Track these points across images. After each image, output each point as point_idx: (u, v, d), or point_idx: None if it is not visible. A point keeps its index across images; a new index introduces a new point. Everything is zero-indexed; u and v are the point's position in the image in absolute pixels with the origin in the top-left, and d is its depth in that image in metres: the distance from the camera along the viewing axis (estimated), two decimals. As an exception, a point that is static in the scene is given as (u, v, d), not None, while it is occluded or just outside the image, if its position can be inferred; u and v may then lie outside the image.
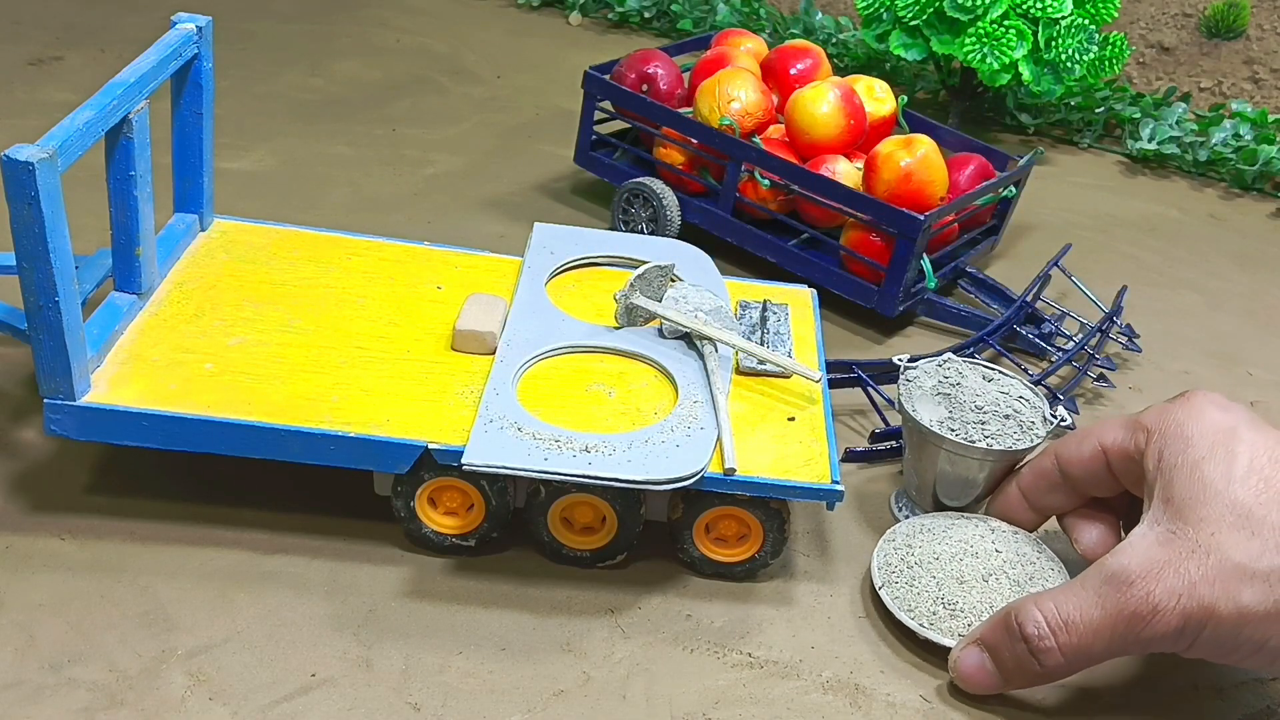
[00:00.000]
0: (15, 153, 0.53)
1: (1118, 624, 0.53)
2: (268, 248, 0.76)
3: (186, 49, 0.68)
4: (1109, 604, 0.53)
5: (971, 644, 0.58)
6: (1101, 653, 0.55)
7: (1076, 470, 0.62)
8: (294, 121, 1.15)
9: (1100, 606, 0.54)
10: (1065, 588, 0.56)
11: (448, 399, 0.64)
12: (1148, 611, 0.52)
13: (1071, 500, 0.64)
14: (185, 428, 0.61)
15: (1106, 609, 0.53)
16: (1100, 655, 0.55)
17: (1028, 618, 0.55)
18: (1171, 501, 0.54)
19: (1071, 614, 0.54)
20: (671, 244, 0.80)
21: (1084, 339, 0.86)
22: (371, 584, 0.63)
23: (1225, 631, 0.52)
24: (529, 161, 1.12)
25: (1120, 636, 0.53)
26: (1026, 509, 0.65)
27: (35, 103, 1.13)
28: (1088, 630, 0.54)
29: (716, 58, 1.00)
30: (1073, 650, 0.55)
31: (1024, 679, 0.57)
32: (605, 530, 0.64)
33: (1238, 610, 0.52)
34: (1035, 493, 0.65)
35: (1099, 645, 0.54)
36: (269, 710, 0.55)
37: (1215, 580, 0.52)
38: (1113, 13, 1.15)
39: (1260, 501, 0.53)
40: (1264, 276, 1.06)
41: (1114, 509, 0.64)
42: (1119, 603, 0.53)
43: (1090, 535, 0.63)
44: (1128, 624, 0.53)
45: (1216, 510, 0.53)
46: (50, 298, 0.57)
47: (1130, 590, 0.53)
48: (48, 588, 0.60)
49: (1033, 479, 0.65)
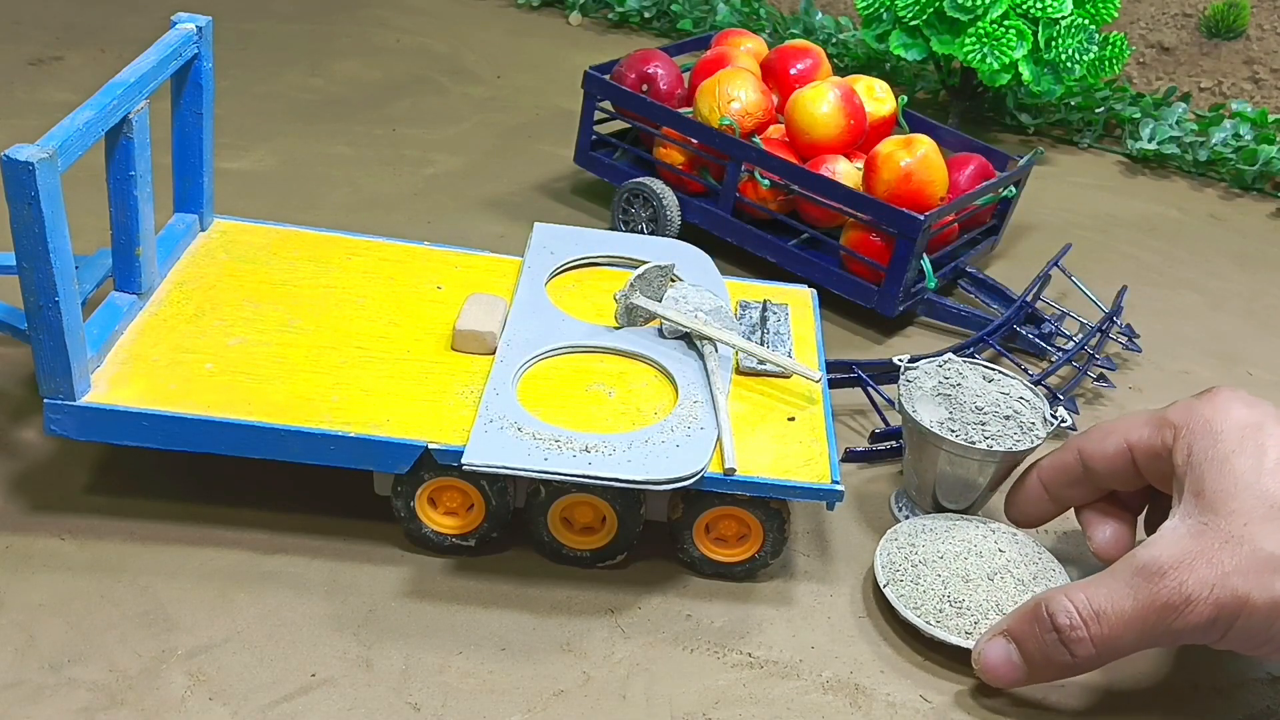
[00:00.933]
0: (15, 153, 0.53)
1: (1149, 614, 0.53)
2: (268, 248, 0.76)
3: (186, 49, 0.68)
4: (1141, 595, 0.53)
5: (997, 636, 0.58)
6: (1132, 644, 0.55)
7: (1100, 465, 0.62)
8: (294, 121, 1.15)
9: (1133, 597, 0.54)
10: (1096, 579, 0.55)
11: (448, 399, 0.64)
12: (1180, 602, 0.52)
13: (1091, 494, 0.65)
14: (185, 428, 0.61)
15: (1139, 599, 0.53)
16: (1131, 646, 0.55)
17: (1059, 608, 0.55)
18: (1203, 495, 0.54)
19: (1103, 604, 0.54)
20: (671, 244, 0.80)
21: (1084, 339, 0.86)
22: (371, 584, 0.63)
23: (1258, 622, 0.52)
24: (529, 161, 1.12)
25: (1152, 627, 0.53)
26: (1046, 500, 0.66)
27: (35, 103, 1.13)
28: (1119, 621, 0.54)
29: (716, 58, 1.00)
30: (1104, 641, 0.55)
31: (1052, 671, 0.57)
32: (605, 530, 0.64)
33: (1271, 600, 0.52)
34: (1056, 485, 0.65)
35: (1130, 636, 0.54)
36: (269, 710, 0.55)
37: (1249, 571, 0.52)
38: (1113, 13, 1.15)
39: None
40: (1264, 276, 1.06)
41: (1131, 507, 0.65)
42: (1151, 593, 0.53)
43: (1105, 533, 0.64)
44: (1159, 614, 0.53)
45: (1248, 502, 0.53)
46: (50, 298, 0.57)
47: (1163, 581, 0.53)
48: (48, 588, 0.60)
49: (1054, 472, 0.65)
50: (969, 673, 0.61)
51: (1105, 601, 0.54)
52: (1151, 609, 0.53)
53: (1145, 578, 0.53)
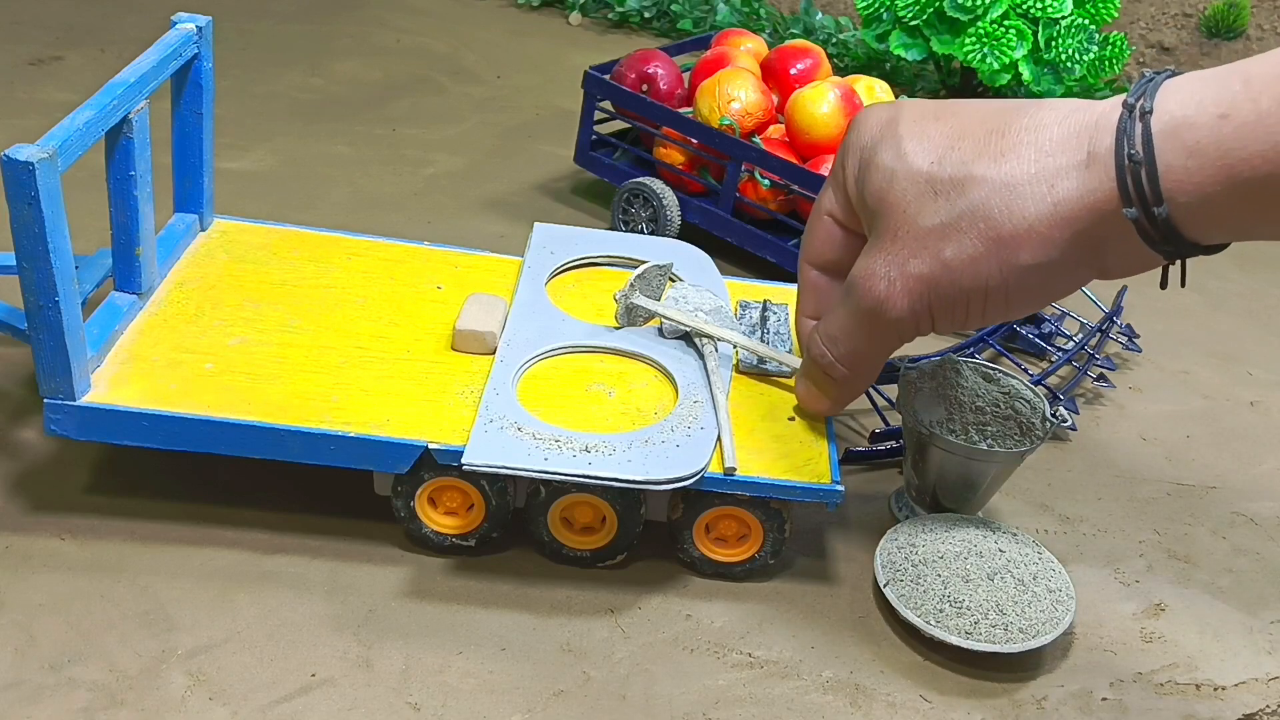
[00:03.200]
0: (15, 153, 0.53)
1: (863, 322, 0.58)
2: (268, 248, 0.76)
3: (186, 49, 0.68)
4: (851, 309, 0.58)
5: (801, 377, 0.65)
6: (870, 351, 0.60)
7: (829, 253, 0.63)
8: (294, 121, 1.15)
9: (848, 315, 0.59)
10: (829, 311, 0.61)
11: (448, 399, 0.64)
12: (877, 303, 0.56)
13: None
14: (185, 428, 0.61)
15: (852, 314, 0.58)
16: (871, 353, 0.60)
17: (811, 343, 0.62)
18: (867, 205, 0.58)
19: (834, 329, 0.60)
20: (671, 244, 0.80)
21: (1084, 339, 0.86)
22: (371, 584, 0.63)
23: (947, 292, 0.55)
24: (529, 161, 1.12)
25: (872, 332, 0.58)
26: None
27: (35, 103, 1.13)
28: (848, 336, 0.60)
29: (716, 58, 1.00)
30: (848, 358, 0.60)
31: (835, 390, 0.63)
32: (605, 530, 0.64)
33: (944, 265, 0.54)
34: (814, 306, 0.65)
35: (863, 345, 0.59)
36: (269, 710, 0.55)
37: (918, 250, 0.55)
38: (1113, 13, 1.15)
39: (931, 161, 0.55)
40: (1264, 276, 1.06)
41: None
42: (856, 305, 0.58)
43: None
44: (870, 319, 0.57)
45: (899, 190, 0.55)
46: (50, 298, 0.57)
47: (858, 292, 0.57)
48: (48, 588, 0.60)
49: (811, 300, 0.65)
50: (969, 673, 0.61)
51: (835, 326, 0.60)
52: (862, 317, 0.58)
53: (848, 294, 0.58)
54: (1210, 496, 0.77)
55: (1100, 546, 0.72)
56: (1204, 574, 0.70)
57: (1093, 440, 0.81)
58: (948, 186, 0.54)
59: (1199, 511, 0.76)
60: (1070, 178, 0.52)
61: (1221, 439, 0.83)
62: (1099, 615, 0.66)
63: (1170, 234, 0.51)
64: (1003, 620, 0.61)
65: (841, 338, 0.60)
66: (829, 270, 0.64)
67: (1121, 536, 0.73)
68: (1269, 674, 0.64)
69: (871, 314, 0.57)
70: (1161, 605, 0.67)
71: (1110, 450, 0.81)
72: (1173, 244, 0.52)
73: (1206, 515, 0.75)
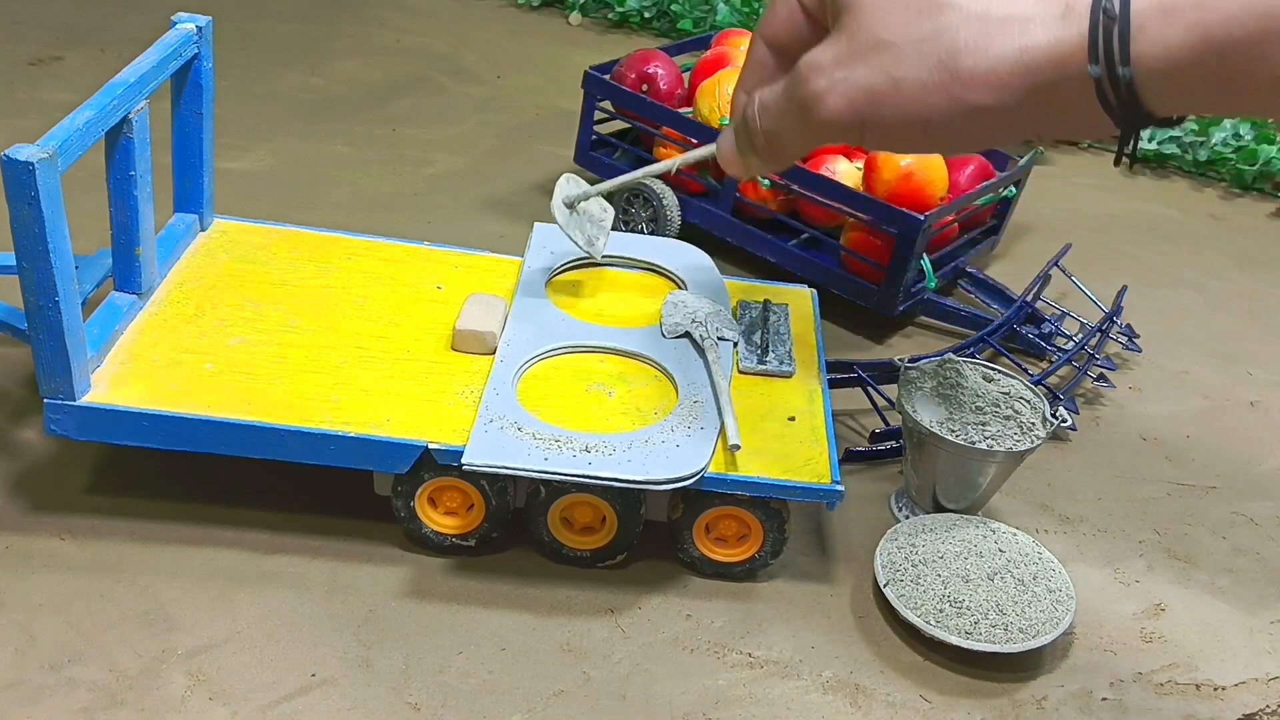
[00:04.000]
0: (15, 153, 0.53)
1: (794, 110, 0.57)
2: (268, 248, 0.76)
3: (186, 49, 0.68)
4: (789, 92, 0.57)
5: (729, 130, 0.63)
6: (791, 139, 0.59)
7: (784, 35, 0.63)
8: (294, 121, 1.15)
9: (786, 96, 0.58)
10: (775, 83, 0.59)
11: (448, 399, 0.64)
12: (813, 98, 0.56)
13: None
14: (185, 428, 0.61)
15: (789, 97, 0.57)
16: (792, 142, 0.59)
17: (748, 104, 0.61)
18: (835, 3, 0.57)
19: (769, 101, 0.59)
20: (672, 244, 0.80)
21: (1084, 339, 0.86)
22: (371, 584, 0.63)
23: (886, 111, 0.54)
24: (529, 161, 1.12)
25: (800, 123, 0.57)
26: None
27: (35, 103, 1.13)
28: (778, 115, 0.59)
29: (716, 58, 1.00)
30: (770, 134, 0.60)
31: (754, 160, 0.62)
32: (605, 530, 0.64)
33: (892, 84, 0.53)
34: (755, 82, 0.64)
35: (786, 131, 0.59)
36: (269, 710, 0.55)
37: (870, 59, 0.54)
38: (1113, 13, 1.15)
39: None
40: (1264, 276, 1.06)
41: None
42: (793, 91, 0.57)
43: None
44: (801, 111, 0.56)
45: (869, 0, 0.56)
46: (50, 298, 0.57)
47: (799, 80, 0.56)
48: (48, 588, 0.60)
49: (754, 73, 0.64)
50: (969, 673, 0.61)
51: (771, 99, 0.59)
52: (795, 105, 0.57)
53: (793, 78, 0.57)
54: (1210, 496, 0.77)
55: (1100, 546, 0.72)
56: (1204, 574, 0.70)
57: (1093, 440, 0.81)
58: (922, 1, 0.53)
59: (1199, 511, 0.76)
60: (1044, 26, 0.52)
61: (1221, 439, 0.83)
62: (1099, 615, 0.66)
63: (1130, 98, 0.51)
64: (1003, 620, 0.61)
65: (773, 113, 0.60)
66: (781, 52, 0.63)
67: (1121, 537, 0.73)
68: (1269, 674, 0.64)
69: (804, 106, 0.57)
70: (1161, 605, 0.68)
71: (1110, 450, 0.81)
72: (1129, 110, 0.52)
73: (1206, 515, 0.76)
